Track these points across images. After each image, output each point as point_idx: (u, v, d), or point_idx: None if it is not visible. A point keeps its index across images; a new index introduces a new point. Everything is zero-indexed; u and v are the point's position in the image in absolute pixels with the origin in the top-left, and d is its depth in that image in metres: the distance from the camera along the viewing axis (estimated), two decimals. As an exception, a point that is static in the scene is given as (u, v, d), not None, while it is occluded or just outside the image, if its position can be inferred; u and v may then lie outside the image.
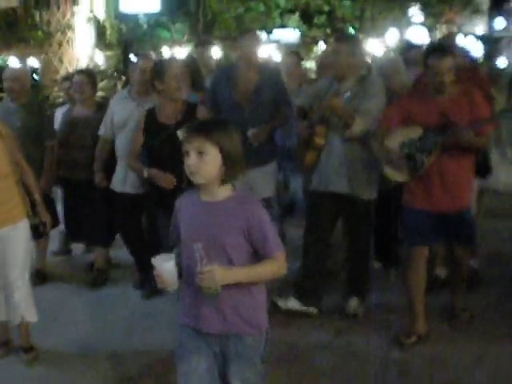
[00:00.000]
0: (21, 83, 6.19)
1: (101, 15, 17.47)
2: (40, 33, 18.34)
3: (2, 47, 19.66)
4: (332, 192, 4.94)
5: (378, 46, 21.97)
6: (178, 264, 3.05)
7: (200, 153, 2.84)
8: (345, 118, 4.67)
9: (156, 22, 20.77)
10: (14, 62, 23.79)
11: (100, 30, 17.79)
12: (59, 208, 6.89)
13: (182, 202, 3.17)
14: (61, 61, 16.88)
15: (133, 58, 15.63)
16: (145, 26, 19.05)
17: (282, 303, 5.10)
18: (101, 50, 18.26)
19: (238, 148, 2.94)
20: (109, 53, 18.80)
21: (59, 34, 17.76)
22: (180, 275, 3.05)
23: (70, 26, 17.43)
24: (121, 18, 17.92)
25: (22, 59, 22.93)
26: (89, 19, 17.09)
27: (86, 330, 5.34)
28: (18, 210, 4.63)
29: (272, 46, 28.08)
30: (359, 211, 4.95)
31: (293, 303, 5.08)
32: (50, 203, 5.97)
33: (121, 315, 5.72)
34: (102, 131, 5.93)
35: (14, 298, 4.55)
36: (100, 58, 17.97)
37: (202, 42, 8.94)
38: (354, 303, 5.22)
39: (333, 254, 5.91)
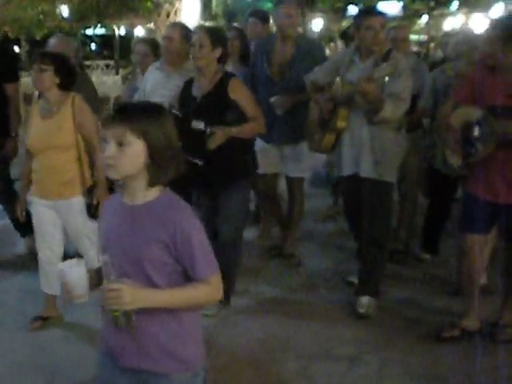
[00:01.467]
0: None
1: (207, -12, 18.03)
2: (149, 3, 19.15)
3: (113, 17, 20.63)
4: (354, 175, 4.69)
5: (482, 20, 21.55)
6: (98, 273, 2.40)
7: (119, 143, 2.22)
8: (375, 103, 4.33)
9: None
10: (122, 30, 24.86)
11: (206, 1, 18.38)
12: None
13: (107, 203, 2.57)
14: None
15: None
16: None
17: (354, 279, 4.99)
18: (206, 20, 18.85)
19: (170, 140, 2.30)
20: (213, 23, 19.39)
21: (167, 4, 18.52)
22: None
23: (177, -2, 18.15)
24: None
25: (131, 28, 23.92)
26: (195, -10, 17.67)
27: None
28: (72, 184, 4.51)
29: (374, 19, 27.96)
30: (379, 193, 4.62)
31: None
32: None
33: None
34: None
35: None
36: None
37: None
38: (365, 301, 4.79)
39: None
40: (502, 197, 4.14)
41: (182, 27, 5.18)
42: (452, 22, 23.65)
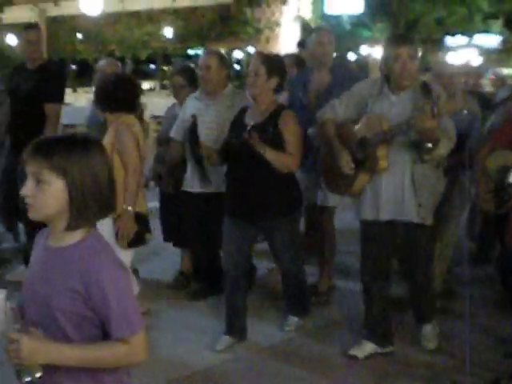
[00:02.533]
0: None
1: (307, 15, 18.53)
2: (250, 28, 19.80)
3: (214, 40, 21.38)
4: (394, 220, 4.31)
5: None
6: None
7: (38, 181, 2.02)
8: (433, 141, 3.99)
9: (358, 21, 21.45)
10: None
11: (305, 29, 18.84)
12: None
13: (38, 239, 2.27)
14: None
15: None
16: (347, 26, 19.86)
17: (359, 353, 4.40)
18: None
19: (98, 178, 2.06)
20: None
21: (267, 30, 19.12)
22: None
23: (277, 24, 18.72)
24: (325, 18, 18.84)
25: (229, 51, 24.69)
26: (296, 18, 18.21)
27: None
28: None
29: (472, 51, 27.86)
30: (421, 238, 4.34)
31: (370, 348, 4.43)
32: None
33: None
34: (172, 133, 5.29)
35: None
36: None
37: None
38: (429, 330, 4.53)
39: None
40: None
41: (218, 55, 5.12)
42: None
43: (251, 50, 20.88)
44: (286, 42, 17.72)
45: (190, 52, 26.47)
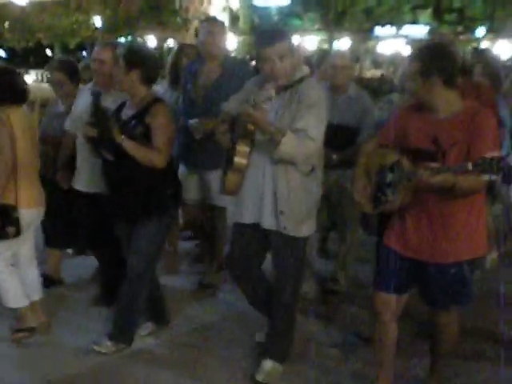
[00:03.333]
0: None
1: (235, 6, 18.63)
2: (178, 19, 19.78)
3: (144, 29, 21.27)
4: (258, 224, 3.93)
5: (508, 47, 21.64)
6: None
7: None
8: (269, 133, 3.60)
9: (289, 11, 21.62)
10: (153, 42, 25.50)
11: (233, 18, 18.93)
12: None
13: None
14: (196, 45, 18.04)
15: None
16: (275, 17, 20.03)
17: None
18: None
19: None
20: (241, 38, 19.92)
21: (196, 21, 19.12)
22: None
23: (206, 14, 18.71)
24: (254, 9, 18.99)
25: (161, 41, 24.57)
26: (224, 8, 18.31)
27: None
28: None
29: (401, 41, 28.31)
30: (285, 248, 3.88)
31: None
32: None
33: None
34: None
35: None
36: (233, 44, 19.01)
37: None
38: (268, 367, 4.01)
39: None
40: (416, 252, 3.43)
41: (113, 47, 4.74)
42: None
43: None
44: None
45: (121, 41, 26.24)
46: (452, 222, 3.36)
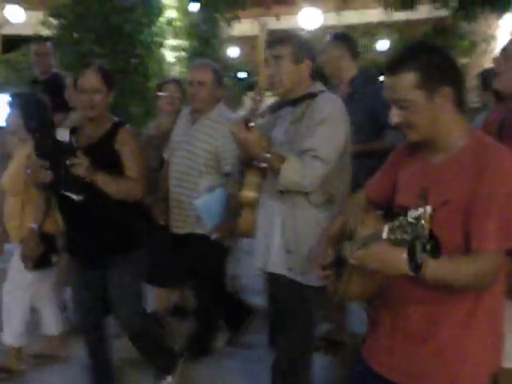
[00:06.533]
0: None
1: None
2: (466, 41, 19.47)
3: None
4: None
5: None
6: None
7: None
8: (263, 160, 3.02)
9: None
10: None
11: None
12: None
13: None
14: (480, 68, 17.73)
15: None
16: None
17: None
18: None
19: None
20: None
21: (483, 43, 18.69)
22: None
23: (493, 37, 18.23)
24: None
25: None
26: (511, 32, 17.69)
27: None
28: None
29: None
30: (287, 296, 3.29)
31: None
32: None
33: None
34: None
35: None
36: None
37: None
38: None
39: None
40: (385, 368, 2.41)
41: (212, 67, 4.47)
42: None
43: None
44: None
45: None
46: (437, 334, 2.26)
